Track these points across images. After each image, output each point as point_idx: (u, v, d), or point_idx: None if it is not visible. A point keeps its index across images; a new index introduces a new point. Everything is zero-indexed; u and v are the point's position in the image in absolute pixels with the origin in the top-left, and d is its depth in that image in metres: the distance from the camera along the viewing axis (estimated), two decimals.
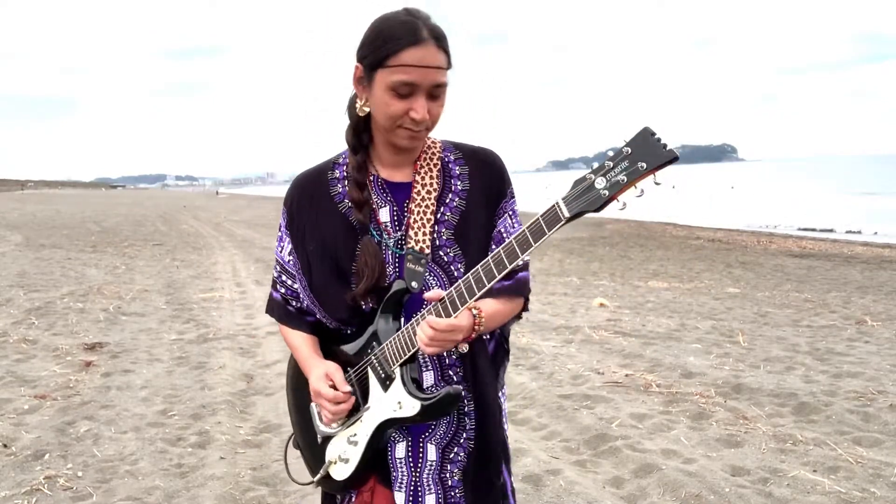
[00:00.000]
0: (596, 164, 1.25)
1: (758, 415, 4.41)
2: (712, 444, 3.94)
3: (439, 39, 1.42)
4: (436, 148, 1.58)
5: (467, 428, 1.56)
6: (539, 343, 6.24)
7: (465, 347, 1.48)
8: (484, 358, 1.58)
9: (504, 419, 1.66)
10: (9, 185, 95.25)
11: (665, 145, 1.19)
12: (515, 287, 1.55)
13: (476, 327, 1.44)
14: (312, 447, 1.65)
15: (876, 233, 20.53)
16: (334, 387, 1.52)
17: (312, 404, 1.61)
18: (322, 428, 1.59)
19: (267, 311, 1.72)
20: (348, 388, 1.52)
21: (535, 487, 3.41)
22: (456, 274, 1.51)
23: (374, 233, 1.52)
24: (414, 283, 1.48)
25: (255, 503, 3.30)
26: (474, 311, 1.43)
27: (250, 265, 12.46)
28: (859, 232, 20.82)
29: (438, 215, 1.53)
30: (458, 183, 1.55)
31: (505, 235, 1.55)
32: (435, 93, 1.43)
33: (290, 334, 1.66)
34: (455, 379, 1.55)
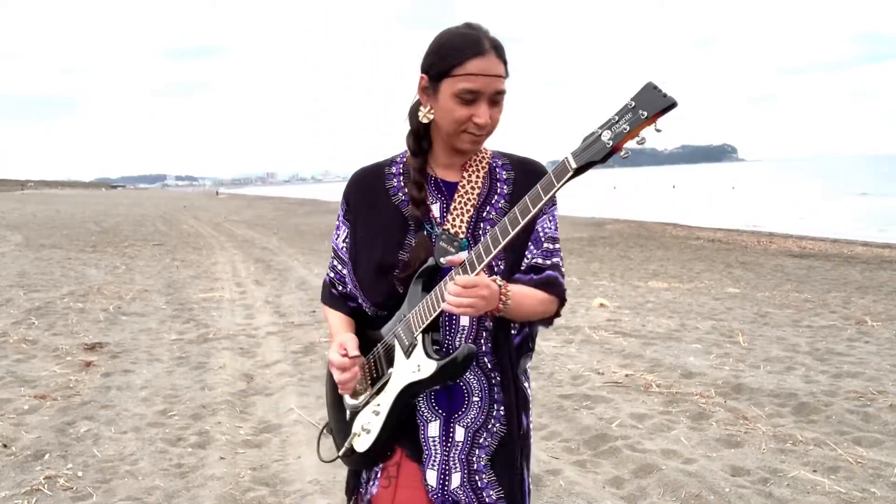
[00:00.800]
0: (604, 120, 1.32)
1: (758, 415, 4.41)
2: (712, 444, 3.94)
3: (499, 50, 1.54)
4: (485, 153, 1.69)
5: (495, 415, 1.62)
6: (539, 343, 6.20)
7: (489, 323, 1.58)
8: (510, 348, 1.64)
9: (528, 409, 1.74)
10: (9, 185, 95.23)
11: (665, 94, 1.25)
12: (544, 281, 1.61)
13: (502, 297, 1.48)
14: (342, 428, 1.72)
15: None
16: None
17: None
18: (350, 402, 1.67)
19: (321, 299, 1.84)
20: (355, 353, 1.59)
21: (535, 487, 3.41)
22: (496, 270, 1.59)
23: (427, 227, 1.62)
24: (443, 260, 1.55)
25: (255, 503, 3.30)
26: (499, 283, 1.48)
27: (250, 265, 12.46)
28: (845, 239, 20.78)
29: (484, 213, 1.63)
30: (505, 187, 1.66)
31: (541, 233, 1.65)
32: (495, 99, 1.54)
33: (330, 314, 1.78)
34: (489, 366, 1.62)
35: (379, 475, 1.64)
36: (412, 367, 1.54)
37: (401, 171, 1.69)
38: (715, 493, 3.29)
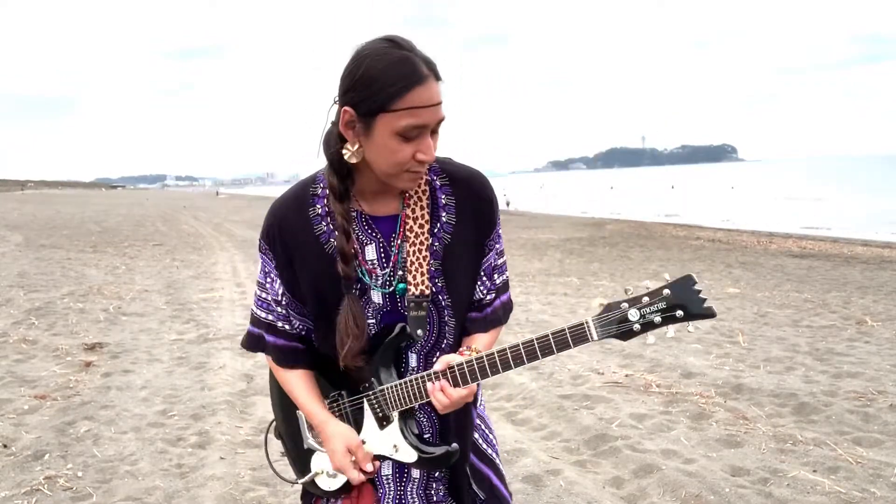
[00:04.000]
0: (631, 293, 1.31)
1: (758, 415, 4.41)
2: (712, 444, 3.94)
3: (436, 71, 1.34)
4: None
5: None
6: None
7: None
8: None
9: (477, 402, 1.67)
10: (9, 185, 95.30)
11: (704, 300, 1.26)
12: (497, 318, 1.57)
13: None
14: (297, 446, 1.65)
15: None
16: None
17: (300, 413, 1.61)
18: (311, 441, 1.60)
19: (247, 347, 1.64)
20: (371, 469, 1.50)
21: (535, 487, 3.41)
22: (443, 303, 1.49)
23: (362, 275, 1.46)
24: (419, 332, 1.46)
25: (255, 503, 3.30)
26: (474, 356, 1.41)
27: (250, 265, 12.45)
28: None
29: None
30: (444, 214, 1.48)
31: (491, 268, 1.55)
32: (437, 128, 1.37)
33: (293, 381, 1.58)
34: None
35: (339, 501, 1.61)
36: (387, 444, 1.50)
37: (326, 209, 1.46)
38: (715, 493, 3.29)
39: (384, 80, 1.30)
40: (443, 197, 1.49)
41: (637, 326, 1.29)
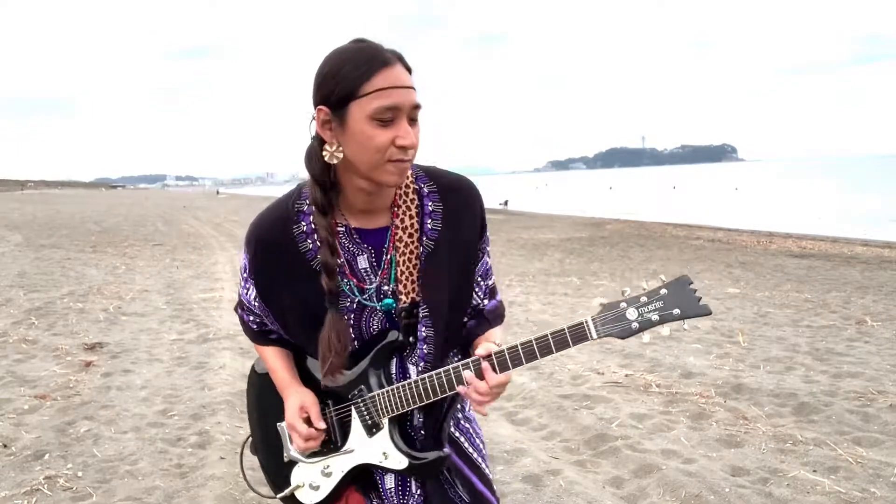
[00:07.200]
0: (629, 294, 1.33)
1: (758, 415, 4.41)
2: (712, 444, 3.94)
3: (403, 60, 1.34)
4: (409, 179, 1.47)
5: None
6: None
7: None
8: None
9: (474, 431, 1.66)
10: (9, 185, 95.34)
11: (699, 299, 1.30)
12: (499, 314, 1.60)
13: None
14: (276, 460, 1.61)
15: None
16: (308, 420, 1.50)
17: (283, 423, 1.57)
18: (293, 452, 1.55)
19: (244, 329, 1.70)
20: (323, 426, 1.49)
21: (535, 487, 3.41)
22: (420, 313, 1.48)
23: (346, 289, 1.44)
24: (411, 339, 1.46)
25: (255, 503, 3.30)
26: (498, 349, 1.41)
27: None
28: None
29: None
30: (429, 221, 1.46)
31: (478, 277, 1.54)
32: (413, 115, 1.33)
33: (267, 352, 1.62)
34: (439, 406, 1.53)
35: None
36: (376, 451, 1.48)
37: (312, 227, 1.43)
38: (715, 493, 3.29)
39: (350, 68, 1.30)
40: (430, 204, 1.47)
41: (635, 325, 1.31)
